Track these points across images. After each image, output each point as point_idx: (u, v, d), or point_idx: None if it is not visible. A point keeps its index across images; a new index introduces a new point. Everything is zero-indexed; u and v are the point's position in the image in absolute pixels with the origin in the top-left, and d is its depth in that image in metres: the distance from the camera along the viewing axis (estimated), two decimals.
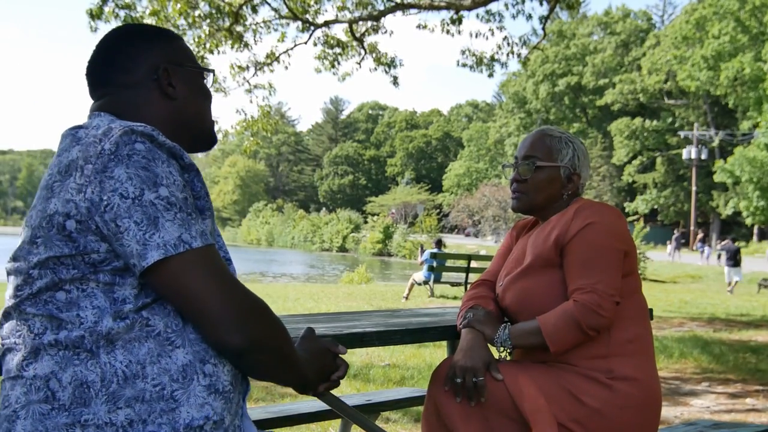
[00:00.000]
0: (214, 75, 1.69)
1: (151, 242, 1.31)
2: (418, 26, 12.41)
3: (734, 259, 18.41)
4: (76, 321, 1.34)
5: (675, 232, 39.46)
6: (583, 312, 2.04)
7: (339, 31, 12.41)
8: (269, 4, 11.45)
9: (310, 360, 1.60)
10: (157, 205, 1.32)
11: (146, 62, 1.55)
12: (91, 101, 1.58)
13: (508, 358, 2.24)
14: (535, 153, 2.30)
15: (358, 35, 12.25)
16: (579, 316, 2.04)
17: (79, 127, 1.47)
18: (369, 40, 12.42)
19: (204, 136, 1.65)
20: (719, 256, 32.89)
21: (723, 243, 19.73)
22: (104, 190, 1.32)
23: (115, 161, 1.33)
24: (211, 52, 11.13)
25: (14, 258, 1.44)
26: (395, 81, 12.77)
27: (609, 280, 2.09)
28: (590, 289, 2.06)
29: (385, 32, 12.31)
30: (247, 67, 12.11)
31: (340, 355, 1.70)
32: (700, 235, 40.42)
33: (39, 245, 1.37)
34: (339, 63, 12.45)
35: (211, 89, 1.70)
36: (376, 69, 12.55)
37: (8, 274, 1.46)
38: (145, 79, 1.54)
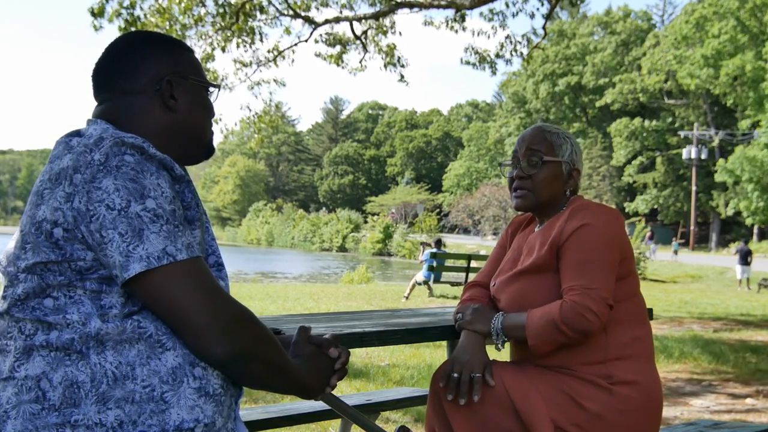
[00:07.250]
0: (219, 89, 1.68)
1: (135, 254, 1.31)
2: (425, 23, 12.46)
3: (745, 259, 20.19)
4: (63, 323, 1.35)
5: (634, 224, 40.24)
6: (567, 313, 2.00)
7: (342, 29, 12.43)
8: (271, 3, 11.44)
9: (306, 365, 1.56)
10: (143, 217, 1.32)
11: (151, 71, 1.54)
12: (94, 102, 1.58)
13: (503, 348, 2.21)
14: (539, 147, 2.23)
15: (359, 33, 12.26)
16: (560, 316, 2.00)
17: (74, 134, 1.46)
18: (374, 39, 12.43)
19: (201, 150, 1.63)
20: (676, 252, 33.80)
21: (738, 246, 22.38)
22: (91, 200, 1.32)
23: (103, 172, 1.33)
24: (220, 49, 11.15)
25: (5, 260, 1.44)
26: (402, 78, 12.75)
27: (602, 282, 2.03)
28: (581, 291, 2.01)
29: (394, 32, 12.33)
30: (250, 63, 12.12)
31: (338, 352, 1.64)
32: (648, 233, 41.34)
33: (27, 250, 1.38)
34: (342, 60, 12.47)
35: (215, 102, 1.69)
36: (386, 67, 12.53)
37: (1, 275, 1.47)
38: (147, 88, 1.53)
